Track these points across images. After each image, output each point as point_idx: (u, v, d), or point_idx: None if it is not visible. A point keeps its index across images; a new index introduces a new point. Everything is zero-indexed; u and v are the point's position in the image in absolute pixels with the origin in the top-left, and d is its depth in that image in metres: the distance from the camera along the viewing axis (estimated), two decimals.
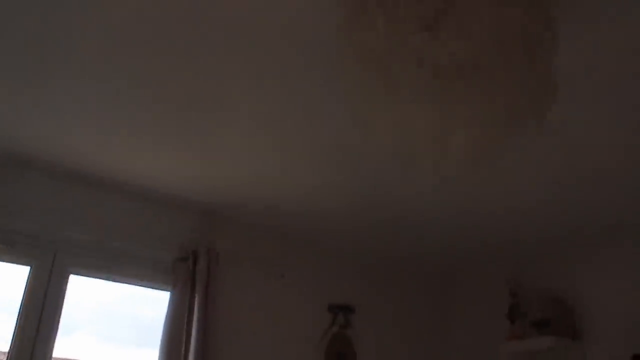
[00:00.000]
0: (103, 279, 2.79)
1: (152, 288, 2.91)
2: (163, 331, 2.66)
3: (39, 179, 2.59)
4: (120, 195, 2.80)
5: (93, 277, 2.77)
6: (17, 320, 2.45)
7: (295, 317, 3.21)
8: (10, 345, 2.40)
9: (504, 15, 1.22)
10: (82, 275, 2.71)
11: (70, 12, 1.59)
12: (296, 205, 2.95)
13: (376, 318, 3.53)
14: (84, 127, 2.26)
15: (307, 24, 1.60)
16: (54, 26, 1.65)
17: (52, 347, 2.49)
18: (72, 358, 2.66)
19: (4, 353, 2.40)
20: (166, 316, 2.70)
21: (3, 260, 2.52)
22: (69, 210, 2.65)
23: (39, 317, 2.47)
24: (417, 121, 1.30)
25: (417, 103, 1.26)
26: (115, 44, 1.73)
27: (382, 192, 2.70)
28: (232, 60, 1.79)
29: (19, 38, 1.72)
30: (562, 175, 2.43)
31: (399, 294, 3.74)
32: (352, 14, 1.37)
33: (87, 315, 2.82)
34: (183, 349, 2.63)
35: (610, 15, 1.51)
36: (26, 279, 2.52)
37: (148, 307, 3.01)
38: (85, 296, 2.78)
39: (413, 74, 1.23)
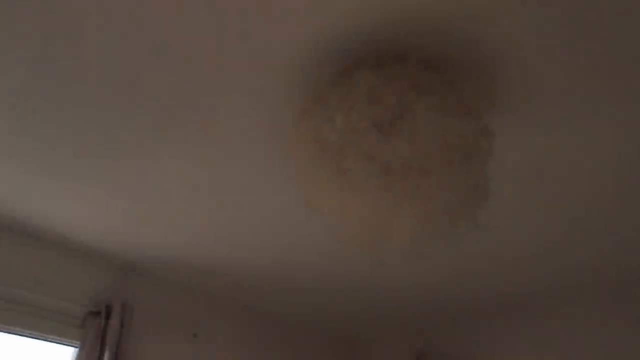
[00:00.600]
0: (2, 331, 2.60)
1: (59, 343, 2.75)
2: None
3: None
4: (31, 242, 2.66)
5: None
6: None
7: None
8: None
9: (450, 125, 1.35)
10: None
11: None
12: (218, 266, 2.93)
13: None
14: None
15: (270, 99, 1.67)
16: None
17: None
18: None
19: None
20: None
21: None
22: None
23: None
24: (362, 207, 1.38)
25: (364, 193, 1.34)
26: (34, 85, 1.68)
27: (306, 259, 2.76)
28: (171, 119, 1.81)
29: None
30: (478, 261, 2.62)
31: (307, 357, 3.75)
32: (314, 103, 1.45)
33: None
34: None
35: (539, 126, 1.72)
36: None
37: None
38: None
39: (363, 167, 1.31)
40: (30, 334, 2.67)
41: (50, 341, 2.72)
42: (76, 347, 2.64)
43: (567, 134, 1.78)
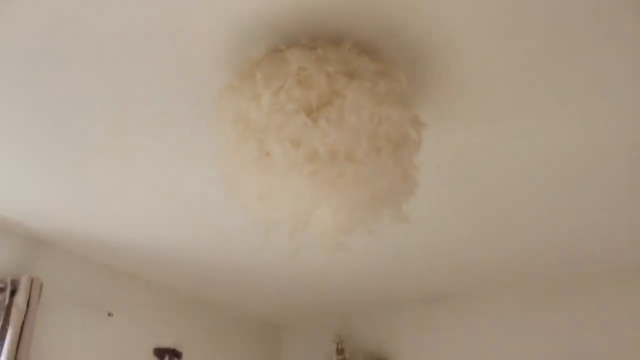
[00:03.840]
0: None
1: None
2: None
3: None
4: None
5: None
6: None
7: None
8: None
9: (380, 113, 1.30)
10: None
11: None
12: (137, 244, 2.80)
13: None
14: None
15: (196, 78, 1.58)
16: None
17: None
18: None
19: None
20: None
21: None
22: None
23: None
24: (284, 193, 1.32)
25: (287, 178, 1.28)
26: None
27: (227, 240, 2.68)
28: (96, 88, 1.69)
29: None
30: (393, 249, 2.64)
31: (229, 341, 3.69)
32: (241, 80, 1.37)
33: None
34: None
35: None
36: None
37: None
38: None
39: (287, 151, 1.25)
40: None
41: None
42: None
43: (491, 130, 1.79)
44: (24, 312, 2.51)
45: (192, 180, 2.16)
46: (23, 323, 2.49)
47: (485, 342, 3.00)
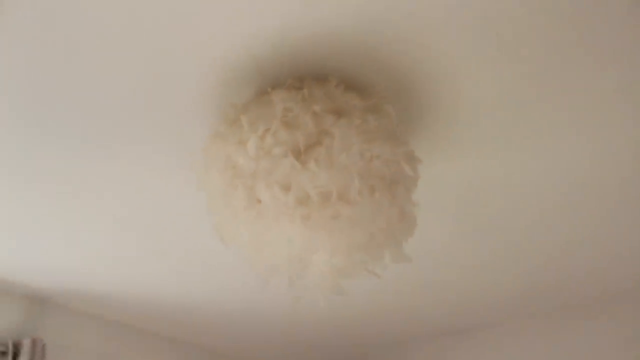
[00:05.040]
0: None
1: None
2: None
3: None
4: None
5: None
6: None
7: None
8: None
9: (372, 151, 1.25)
10: None
11: None
12: (140, 298, 2.74)
13: None
14: None
15: (183, 123, 1.56)
16: None
17: None
18: None
19: None
20: None
21: None
22: None
23: None
24: (278, 240, 1.27)
25: (278, 224, 1.23)
26: None
27: (232, 289, 2.62)
28: (83, 142, 1.66)
29: None
30: (403, 286, 2.56)
31: None
32: (227, 126, 1.34)
33: None
34: None
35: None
36: None
37: None
38: None
39: (277, 197, 1.20)
40: None
41: None
42: None
43: (492, 156, 1.73)
44: None
45: (189, 232, 2.12)
46: None
47: None
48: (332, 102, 1.30)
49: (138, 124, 1.57)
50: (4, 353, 2.45)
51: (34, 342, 2.52)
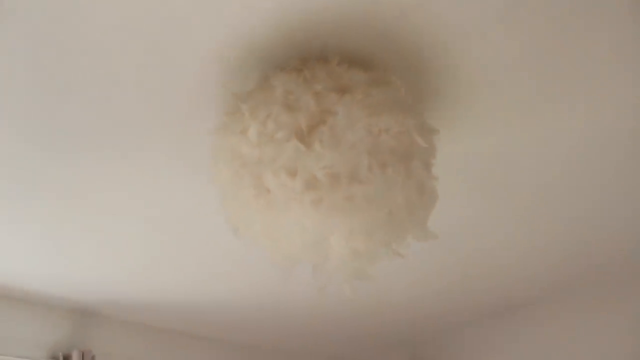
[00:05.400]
0: None
1: None
2: None
3: None
4: None
5: None
6: None
7: None
8: None
9: (379, 125, 1.19)
10: None
11: None
12: (185, 302, 2.76)
13: None
14: None
15: (189, 126, 1.53)
16: None
17: None
18: None
19: None
20: None
21: None
22: None
23: None
24: (291, 228, 1.22)
25: (289, 211, 1.18)
26: None
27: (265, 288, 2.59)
28: (95, 152, 1.67)
29: None
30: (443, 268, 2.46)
31: None
32: (230, 117, 1.30)
33: None
34: None
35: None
36: None
37: None
38: None
39: (284, 183, 1.16)
40: None
41: None
42: None
43: (512, 123, 1.63)
44: None
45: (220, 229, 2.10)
46: None
47: (557, 349, 2.76)
48: (335, 80, 1.25)
49: (146, 125, 1.55)
50: None
51: (83, 354, 2.57)
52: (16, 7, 1.17)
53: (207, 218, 2.01)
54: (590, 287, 2.71)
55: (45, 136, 1.58)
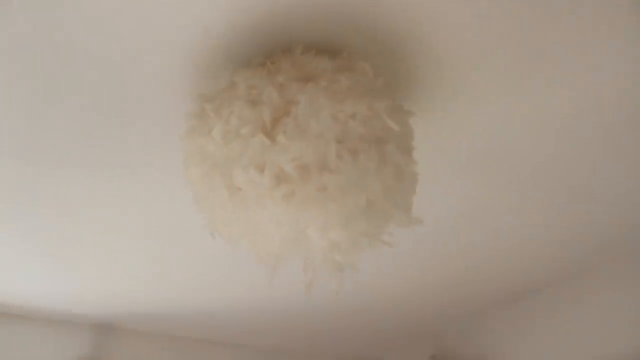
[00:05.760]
0: None
1: None
2: None
3: None
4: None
5: None
6: None
7: None
8: None
9: (345, 111, 1.16)
10: None
11: None
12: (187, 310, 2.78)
13: None
14: None
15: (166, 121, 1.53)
16: None
17: None
18: None
19: None
20: None
21: None
22: None
23: None
24: (266, 225, 1.20)
25: (263, 208, 1.16)
26: None
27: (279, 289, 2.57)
28: (110, 175, 1.69)
29: None
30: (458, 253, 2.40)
31: None
32: (197, 119, 1.28)
33: None
34: None
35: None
36: None
37: None
38: None
39: (253, 179, 1.13)
40: None
41: None
42: None
43: (497, 100, 1.56)
44: None
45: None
46: None
47: (588, 326, 2.67)
48: (299, 70, 1.22)
49: (140, 139, 1.56)
50: None
51: None
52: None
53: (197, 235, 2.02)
54: (612, 263, 2.62)
55: (45, 157, 1.59)
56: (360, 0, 1.21)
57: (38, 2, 1.16)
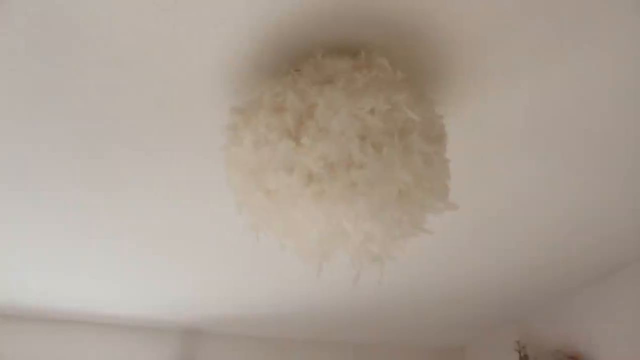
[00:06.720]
0: None
1: None
2: None
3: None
4: (93, 329, 2.77)
5: None
6: None
7: None
8: None
9: (364, 107, 1.20)
10: None
11: None
12: (270, 310, 2.88)
13: None
14: (50, 269, 2.29)
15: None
16: None
17: None
18: None
19: None
20: None
21: None
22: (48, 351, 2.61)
23: None
24: (303, 223, 1.26)
25: (297, 207, 1.22)
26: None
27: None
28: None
29: None
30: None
31: None
32: (230, 132, 1.37)
33: None
34: None
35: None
36: None
37: None
38: None
39: (283, 181, 1.20)
40: None
41: None
42: None
43: (529, 79, 1.53)
44: None
45: None
46: None
47: None
48: (320, 73, 1.27)
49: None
50: None
51: None
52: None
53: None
54: None
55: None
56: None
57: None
